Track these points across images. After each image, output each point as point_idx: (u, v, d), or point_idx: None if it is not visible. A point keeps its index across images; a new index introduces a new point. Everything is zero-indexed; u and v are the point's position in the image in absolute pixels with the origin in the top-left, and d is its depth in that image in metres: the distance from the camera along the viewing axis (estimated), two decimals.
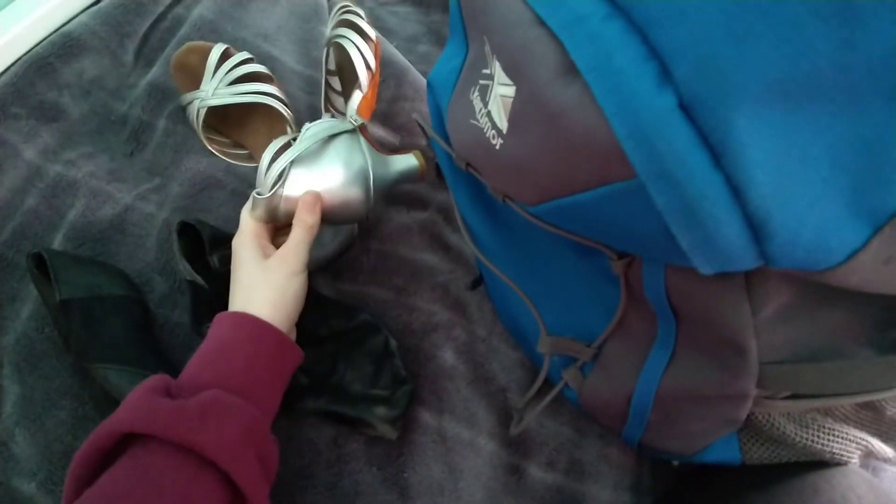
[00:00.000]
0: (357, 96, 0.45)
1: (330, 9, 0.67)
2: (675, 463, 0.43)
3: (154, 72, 0.56)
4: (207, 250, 0.44)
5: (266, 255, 0.39)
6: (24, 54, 0.53)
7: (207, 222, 0.45)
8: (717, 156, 0.18)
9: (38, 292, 0.44)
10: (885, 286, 0.23)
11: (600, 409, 0.38)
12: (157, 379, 0.32)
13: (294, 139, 0.41)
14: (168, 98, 0.55)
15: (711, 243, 0.20)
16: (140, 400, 0.30)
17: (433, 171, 0.44)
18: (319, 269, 0.47)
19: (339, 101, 0.53)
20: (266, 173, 0.40)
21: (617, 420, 0.37)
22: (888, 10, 0.16)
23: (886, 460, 0.35)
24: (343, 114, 0.51)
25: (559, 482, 0.41)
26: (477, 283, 0.47)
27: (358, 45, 0.47)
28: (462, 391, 0.42)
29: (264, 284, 0.37)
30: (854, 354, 0.29)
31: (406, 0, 0.76)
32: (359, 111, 0.44)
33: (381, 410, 0.39)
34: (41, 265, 0.43)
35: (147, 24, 0.58)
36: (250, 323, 0.36)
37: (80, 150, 0.52)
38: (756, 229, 0.19)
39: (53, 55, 0.53)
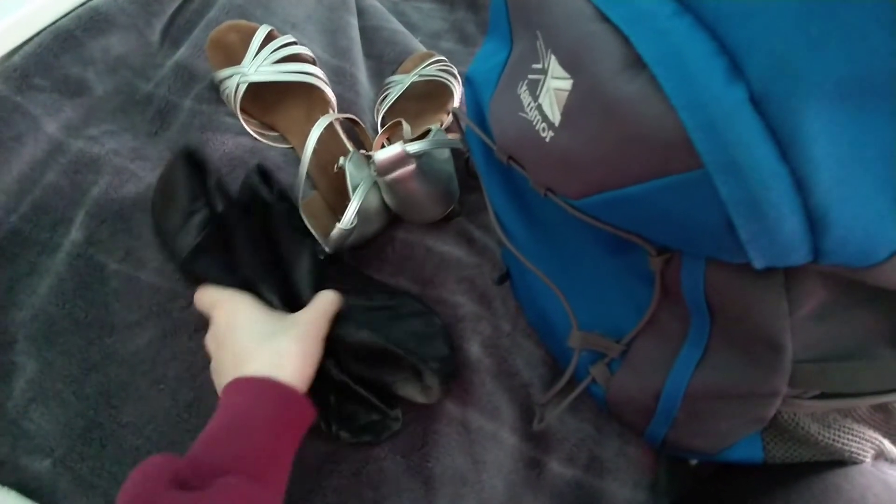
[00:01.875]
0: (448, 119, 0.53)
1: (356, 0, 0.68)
2: (694, 462, 0.43)
3: (181, 52, 0.56)
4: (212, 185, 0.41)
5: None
6: (49, 25, 0.52)
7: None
8: (783, 149, 0.19)
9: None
10: None
11: (626, 406, 0.38)
12: (161, 463, 0.27)
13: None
14: (195, 79, 0.55)
15: (771, 235, 0.21)
16: (143, 494, 0.25)
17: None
18: (355, 247, 0.48)
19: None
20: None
21: (642, 417, 0.37)
22: None
23: (894, 461, 0.36)
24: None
25: (579, 477, 0.42)
26: (504, 278, 0.47)
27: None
28: (487, 384, 0.43)
29: (297, 351, 0.34)
30: (880, 355, 0.30)
31: None
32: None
33: (434, 364, 0.38)
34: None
35: (175, 4, 0.58)
36: (279, 393, 0.32)
37: (104, 127, 0.51)
38: (814, 222, 0.20)
39: (80, 28, 0.52)
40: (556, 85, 0.27)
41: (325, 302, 0.38)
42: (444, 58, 0.59)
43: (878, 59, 0.18)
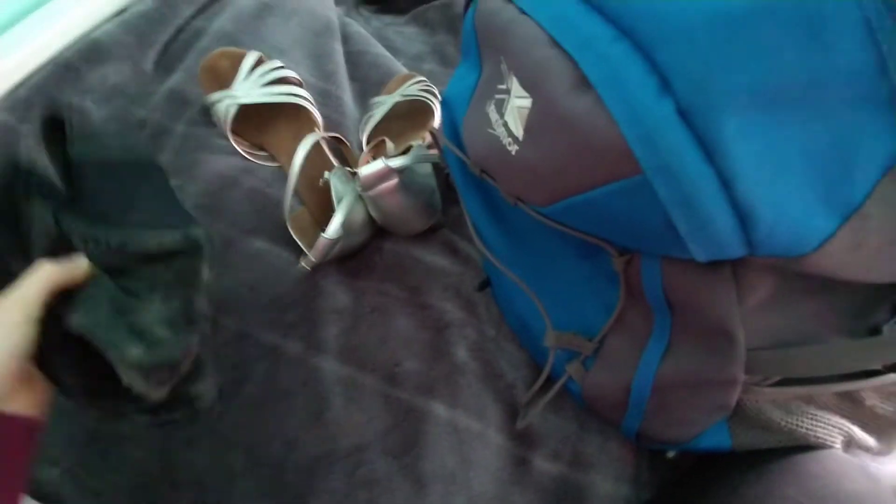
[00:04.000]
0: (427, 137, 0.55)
1: (341, 27, 0.71)
2: (670, 454, 0.45)
3: (174, 78, 0.58)
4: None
5: None
6: (54, 57, 0.55)
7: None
8: (709, 153, 0.22)
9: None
10: (854, 273, 0.26)
11: (602, 400, 0.40)
12: None
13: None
14: (187, 104, 0.57)
15: (705, 230, 0.23)
16: None
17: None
18: (341, 259, 0.50)
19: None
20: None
21: (617, 411, 0.39)
22: (849, 32, 0.20)
23: (868, 450, 0.37)
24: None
25: (563, 473, 0.44)
26: (484, 284, 0.49)
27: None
28: (473, 386, 0.45)
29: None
30: (831, 342, 0.32)
31: (412, 21, 0.80)
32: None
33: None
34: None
35: (169, 34, 0.61)
36: None
37: None
38: (743, 217, 0.23)
39: (80, 60, 0.55)
40: (519, 103, 0.29)
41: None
42: (424, 78, 0.62)
43: (790, 72, 0.21)
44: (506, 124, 0.31)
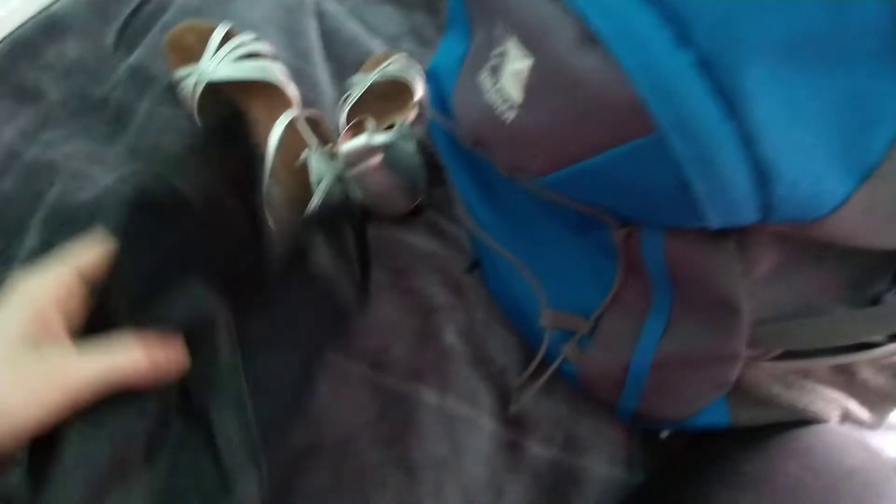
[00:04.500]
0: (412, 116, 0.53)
1: (315, 4, 0.68)
2: (664, 435, 0.45)
3: (137, 55, 0.55)
4: None
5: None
6: (10, 34, 0.51)
7: None
8: (730, 107, 0.20)
9: None
10: (864, 239, 0.26)
11: (598, 380, 0.39)
12: None
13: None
14: (152, 81, 0.54)
15: (723, 190, 0.22)
16: None
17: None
18: None
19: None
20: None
21: (613, 391, 0.38)
22: None
23: (862, 422, 0.38)
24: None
25: (557, 457, 0.43)
26: (473, 266, 0.48)
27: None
28: (464, 371, 0.43)
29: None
30: (833, 312, 0.32)
31: (388, 0, 0.78)
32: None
33: None
34: None
35: (130, 8, 0.57)
36: None
37: (59, 132, 0.50)
38: (762, 175, 0.22)
39: (36, 35, 0.51)
40: (517, 66, 0.28)
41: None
42: (404, 55, 0.60)
43: (814, 22, 0.20)
44: (502, 90, 0.29)
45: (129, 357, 0.25)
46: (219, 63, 0.49)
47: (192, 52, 0.50)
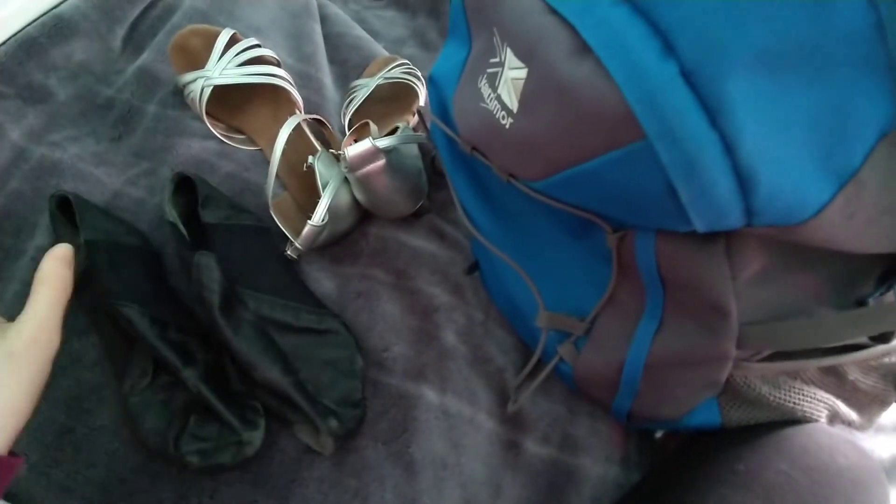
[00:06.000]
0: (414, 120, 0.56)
1: (319, 8, 0.69)
2: (658, 435, 0.46)
3: (144, 57, 0.56)
4: (200, 202, 0.44)
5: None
6: (16, 34, 0.52)
7: (207, 181, 0.45)
8: (713, 116, 0.21)
9: (56, 234, 0.43)
10: (846, 242, 0.27)
11: (593, 380, 0.40)
12: None
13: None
14: (159, 84, 0.55)
15: (707, 196, 0.23)
16: None
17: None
18: (327, 244, 0.48)
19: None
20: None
21: (608, 391, 0.39)
22: None
23: (851, 423, 0.38)
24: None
25: (554, 456, 0.43)
26: (472, 268, 0.49)
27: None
28: (463, 371, 0.44)
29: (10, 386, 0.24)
30: (821, 314, 0.32)
31: (391, 4, 0.79)
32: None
33: (333, 423, 0.39)
34: (63, 208, 0.43)
35: (137, 11, 0.58)
36: None
37: (66, 133, 0.51)
38: (744, 182, 0.22)
39: (44, 36, 0.52)
40: (513, 75, 0.29)
41: (49, 302, 0.27)
42: (407, 61, 0.61)
43: (796, 32, 0.20)
44: (499, 98, 0.30)
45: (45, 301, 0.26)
46: (224, 67, 0.49)
47: (197, 56, 0.51)
